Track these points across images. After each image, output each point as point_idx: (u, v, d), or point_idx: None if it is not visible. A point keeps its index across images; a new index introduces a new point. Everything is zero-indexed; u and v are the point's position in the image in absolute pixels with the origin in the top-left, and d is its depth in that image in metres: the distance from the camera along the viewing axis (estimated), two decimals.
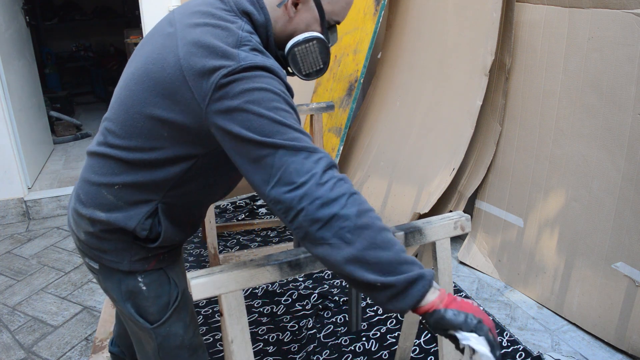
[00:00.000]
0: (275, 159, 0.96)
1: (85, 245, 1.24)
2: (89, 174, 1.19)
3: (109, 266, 1.23)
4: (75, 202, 1.23)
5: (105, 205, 1.17)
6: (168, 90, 1.04)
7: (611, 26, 2.10)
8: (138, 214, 1.16)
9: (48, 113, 4.76)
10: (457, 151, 2.63)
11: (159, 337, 1.29)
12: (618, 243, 2.13)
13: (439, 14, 2.90)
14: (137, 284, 1.25)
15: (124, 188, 1.15)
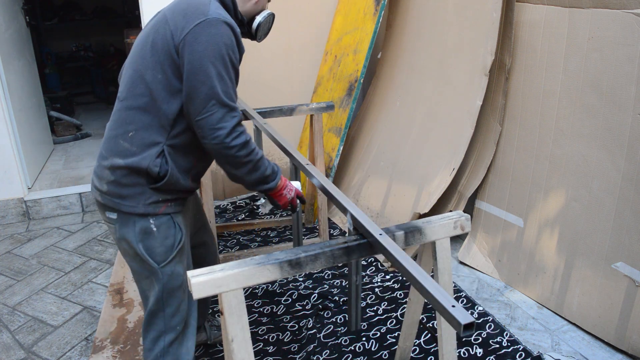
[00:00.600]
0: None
1: (107, 196, 1.51)
2: (108, 132, 1.53)
3: (127, 211, 1.50)
4: (99, 161, 1.54)
5: (122, 152, 1.48)
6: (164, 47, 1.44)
7: (611, 26, 2.10)
8: (149, 155, 1.47)
9: (48, 113, 4.76)
10: (457, 151, 2.63)
11: (165, 276, 1.56)
12: (618, 243, 2.13)
13: (439, 14, 2.91)
14: (149, 225, 1.52)
15: (136, 133, 1.46)
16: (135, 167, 1.47)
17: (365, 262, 2.81)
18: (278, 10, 3.50)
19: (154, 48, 1.45)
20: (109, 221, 1.56)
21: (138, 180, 1.49)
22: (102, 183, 1.52)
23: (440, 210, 2.74)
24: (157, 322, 1.60)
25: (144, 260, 1.54)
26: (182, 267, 1.61)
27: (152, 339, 1.61)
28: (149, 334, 1.62)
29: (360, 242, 1.37)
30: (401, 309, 2.40)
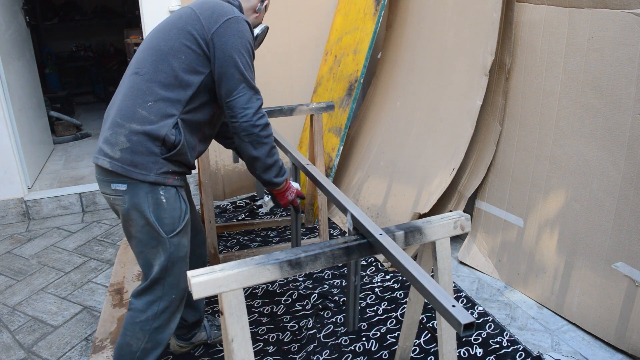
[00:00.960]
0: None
1: (118, 163, 1.58)
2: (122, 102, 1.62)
3: (138, 179, 1.59)
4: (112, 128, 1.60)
5: (140, 119, 1.58)
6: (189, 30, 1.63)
7: (611, 26, 2.10)
8: (167, 124, 1.60)
9: (48, 113, 4.76)
10: (457, 151, 2.63)
11: (172, 246, 1.66)
12: (618, 243, 2.13)
13: (439, 14, 2.91)
14: (159, 196, 1.62)
15: (155, 104, 1.59)
16: (154, 134, 1.58)
17: (365, 262, 2.81)
18: (278, 10, 3.51)
19: (181, 33, 1.62)
20: (115, 194, 1.62)
21: (153, 148, 1.59)
22: (115, 150, 1.59)
23: (440, 210, 2.74)
24: (157, 289, 1.70)
25: (155, 229, 1.63)
26: (187, 239, 1.73)
27: (147, 301, 1.71)
28: (144, 297, 1.72)
29: (360, 242, 1.37)
30: (401, 309, 2.40)
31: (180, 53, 1.62)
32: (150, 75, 1.62)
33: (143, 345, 1.73)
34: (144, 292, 1.72)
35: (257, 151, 1.69)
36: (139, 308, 1.72)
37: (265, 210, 2.14)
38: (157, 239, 1.64)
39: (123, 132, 1.58)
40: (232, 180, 3.74)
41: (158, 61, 1.62)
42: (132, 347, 1.73)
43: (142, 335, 1.72)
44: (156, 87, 1.61)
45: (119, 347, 1.75)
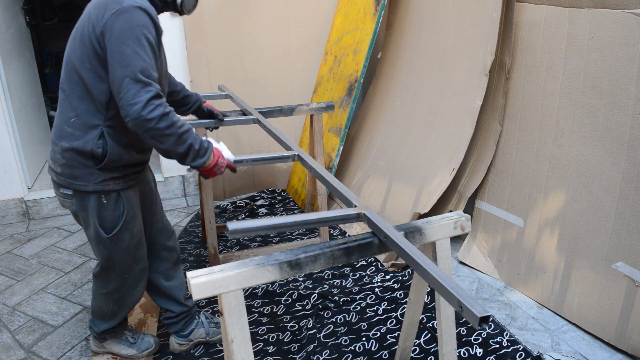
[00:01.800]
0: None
1: (61, 177, 1.72)
2: (55, 120, 1.73)
3: (80, 190, 1.72)
4: (52, 146, 1.74)
5: (67, 136, 1.68)
6: (86, 36, 1.60)
7: (611, 26, 2.10)
8: (91, 137, 1.67)
9: (48, 113, 4.76)
10: (457, 151, 2.63)
11: (112, 243, 1.81)
12: (618, 243, 2.13)
13: (439, 14, 2.90)
14: (101, 200, 1.75)
15: (77, 118, 1.66)
16: (81, 150, 1.67)
17: (365, 262, 2.81)
18: (278, 10, 3.51)
19: (82, 41, 1.61)
20: (64, 196, 1.78)
21: (86, 162, 1.70)
22: (57, 165, 1.73)
23: (440, 210, 2.74)
24: (110, 273, 1.90)
25: (96, 230, 1.78)
26: (129, 233, 1.84)
27: (105, 281, 1.92)
28: (101, 278, 1.93)
29: (360, 242, 1.37)
30: (401, 309, 2.40)
31: (85, 62, 1.61)
32: (69, 91, 1.66)
33: (111, 309, 1.98)
34: (99, 275, 1.93)
35: (163, 144, 1.60)
36: (100, 284, 1.94)
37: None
38: (99, 237, 1.80)
39: (58, 150, 1.71)
40: (232, 180, 3.74)
41: (71, 74, 1.65)
42: (102, 310, 2.00)
43: (108, 302, 1.96)
44: (75, 101, 1.65)
45: (92, 308, 2.04)
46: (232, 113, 2.66)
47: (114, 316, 2.02)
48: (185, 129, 1.62)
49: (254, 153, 3.73)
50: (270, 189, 3.78)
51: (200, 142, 1.67)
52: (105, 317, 2.02)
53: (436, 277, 1.14)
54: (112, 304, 1.97)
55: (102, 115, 1.66)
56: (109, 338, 2.13)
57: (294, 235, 3.15)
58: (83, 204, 1.75)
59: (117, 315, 2.02)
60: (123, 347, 2.14)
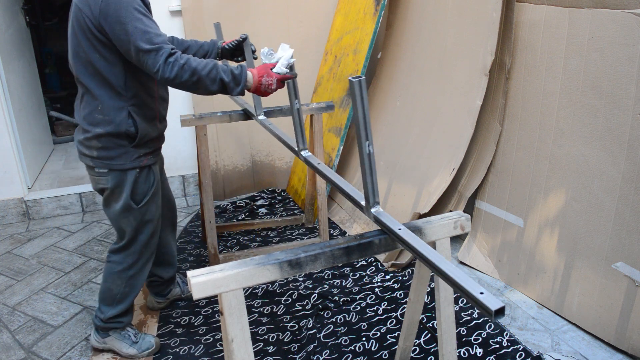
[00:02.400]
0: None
1: (98, 160, 1.87)
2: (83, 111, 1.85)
3: (116, 169, 1.88)
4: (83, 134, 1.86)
5: (100, 123, 1.82)
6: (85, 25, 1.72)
7: (611, 26, 2.10)
8: (122, 119, 1.82)
9: (48, 113, 4.75)
10: (457, 151, 2.63)
11: (141, 214, 1.98)
12: (618, 243, 2.13)
13: (439, 14, 2.90)
14: (135, 176, 1.92)
15: (104, 105, 1.81)
16: (116, 132, 1.83)
17: (365, 262, 2.81)
18: (278, 10, 3.51)
19: (83, 34, 1.72)
20: (99, 175, 1.91)
21: (121, 142, 1.86)
22: (92, 151, 1.86)
23: (440, 210, 2.74)
24: (131, 247, 2.03)
25: (128, 202, 1.93)
26: (155, 205, 2.03)
27: (123, 256, 2.04)
28: (121, 253, 2.05)
29: (360, 242, 1.37)
30: (401, 309, 2.40)
31: (94, 52, 1.74)
32: (87, 83, 1.80)
33: (122, 290, 2.07)
34: (121, 250, 2.05)
35: (199, 90, 1.75)
36: (117, 261, 2.05)
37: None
38: (130, 209, 1.95)
39: (92, 137, 1.84)
40: (232, 180, 3.74)
41: (86, 67, 1.78)
42: (113, 291, 2.07)
43: (121, 282, 2.06)
44: (96, 90, 1.79)
45: (102, 291, 2.09)
46: (233, 113, 2.66)
47: (123, 299, 2.09)
48: (209, 69, 1.71)
49: (254, 153, 3.73)
50: (270, 189, 3.78)
51: (230, 73, 1.75)
52: (114, 301, 2.08)
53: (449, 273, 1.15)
54: (124, 283, 2.06)
55: (124, 97, 1.81)
56: (112, 333, 2.16)
57: (294, 235, 3.15)
58: (119, 180, 1.90)
59: (126, 298, 2.09)
60: (125, 345, 2.16)
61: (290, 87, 1.86)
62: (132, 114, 1.84)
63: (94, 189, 2.00)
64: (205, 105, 3.53)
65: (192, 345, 2.23)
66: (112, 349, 2.18)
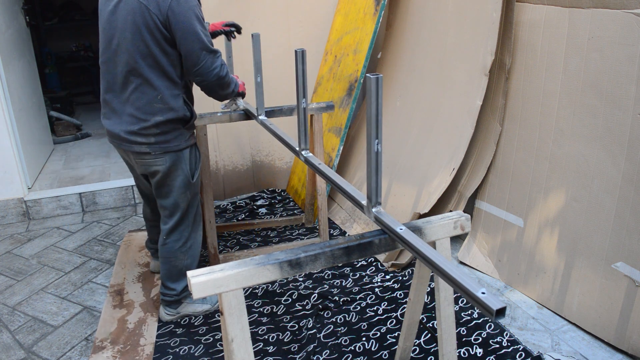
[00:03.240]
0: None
1: (155, 145, 2.05)
2: (136, 102, 2.00)
3: (173, 150, 2.08)
4: (139, 124, 2.01)
5: (160, 111, 2.01)
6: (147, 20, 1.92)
7: (611, 26, 2.10)
8: (179, 105, 2.05)
9: (48, 113, 4.76)
10: (457, 151, 2.63)
11: (194, 186, 2.21)
12: (618, 243, 2.13)
13: (439, 14, 2.91)
14: (188, 154, 2.15)
15: (163, 95, 2.00)
16: (176, 118, 2.05)
17: (365, 262, 2.81)
18: (278, 10, 3.51)
19: (146, 29, 1.91)
20: (154, 157, 2.07)
21: (177, 126, 2.07)
22: (150, 138, 2.03)
23: (440, 210, 2.74)
24: (185, 221, 2.24)
25: (187, 178, 2.16)
26: (199, 179, 2.27)
27: (180, 232, 2.23)
28: (177, 231, 2.23)
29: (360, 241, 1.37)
30: (401, 309, 2.40)
31: (156, 46, 1.94)
32: (147, 75, 1.97)
33: (185, 263, 2.27)
34: (176, 228, 2.23)
35: (226, 91, 2.18)
36: (175, 239, 2.24)
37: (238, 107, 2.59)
38: (187, 184, 2.18)
39: (150, 125, 2.01)
40: (232, 180, 3.74)
41: (146, 59, 1.95)
42: (177, 267, 2.26)
43: (183, 255, 2.26)
44: (155, 81, 1.98)
45: (166, 270, 2.27)
46: (233, 113, 2.66)
47: (189, 270, 2.16)
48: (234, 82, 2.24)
49: (254, 153, 3.73)
50: (270, 189, 3.78)
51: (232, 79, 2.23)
52: (181, 275, 2.28)
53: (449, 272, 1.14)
54: (185, 256, 2.26)
55: (178, 86, 2.04)
56: (183, 301, 2.36)
57: (294, 235, 3.15)
58: (176, 160, 2.10)
59: (190, 268, 2.27)
60: (198, 304, 2.38)
61: (300, 85, 1.86)
62: (185, 100, 2.08)
63: (143, 173, 2.17)
64: (205, 105, 3.54)
65: (192, 345, 2.23)
66: (186, 315, 2.38)
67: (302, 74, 1.85)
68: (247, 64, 3.53)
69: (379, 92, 1.24)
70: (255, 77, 2.38)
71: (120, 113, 2.04)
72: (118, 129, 2.05)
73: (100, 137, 4.95)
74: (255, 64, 2.37)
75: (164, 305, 2.34)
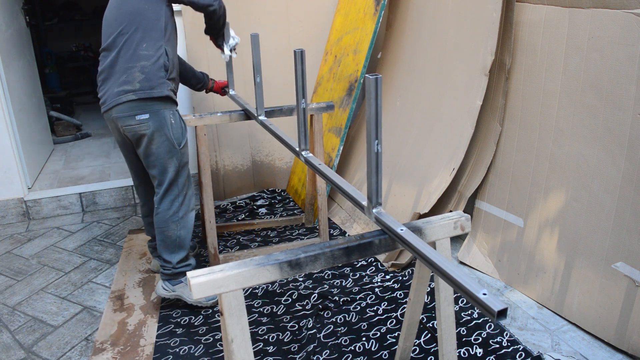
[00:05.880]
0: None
1: (140, 91, 2.17)
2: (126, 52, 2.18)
3: (158, 97, 2.20)
4: (126, 72, 2.17)
5: (144, 57, 2.18)
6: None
7: (611, 26, 2.10)
8: (160, 54, 2.21)
9: (48, 113, 4.76)
10: (457, 151, 2.63)
11: (181, 154, 2.29)
12: (618, 243, 2.13)
13: (439, 14, 2.91)
14: (171, 119, 2.25)
15: (148, 44, 2.19)
16: (157, 63, 2.19)
17: (365, 262, 2.81)
18: (278, 10, 3.50)
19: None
20: (140, 122, 2.18)
21: (159, 73, 2.20)
22: (135, 83, 2.17)
23: (440, 210, 2.74)
24: (174, 188, 2.31)
25: (171, 143, 2.24)
26: (187, 149, 2.35)
27: (170, 200, 2.31)
28: (166, 198, 2.31)
29: (360, 242, 1.37)
30: (401, 309, 2.40)
31: (146, 3, 2.19)
32: (133, 31, 2.17)
33: (177, 233, 2.33)
34: (165, 195, 2.31)
35: (223, 18, 2.50)
36: (165, 208, 2.31)
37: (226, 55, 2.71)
38: (172, 150, 2.26)
39: (136, 70, 2.17)
40: (232, 180, 3.74)
41: (133, 18, 2.17)
42: (171, 237, 2.33)
43: (175, 225, 2.32)
44: (142, 33, 2.18)
45: (161, 242, 2.34)
46: (233, 113, 2.66)
47: (182, 242, 2.35)
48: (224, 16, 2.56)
49: (254, 153, 3.73)
50: (270, 189, 3.78)
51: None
52: (175, 246, 2.34)
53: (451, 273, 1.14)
54: (178, 226, 2.33)
55: (162, 38, 2.22)
56: (183, 280, 2.41)
57: (294, 235, 3.15)
58: (159, 123, 2.20)
59: (184, 240, 2.35)
60: None
61: (299, 85, 1.86)
62: (166, 51, 2.23)
63: (132, 139, 2.25)
64: (205, 105, 3.54)
65: (192, 345, 2.23)
66: (179, 297, 2.41)
67: (302, 74, 1.85)
68: (247, 64, 3.53)
69: (379, 92, 1.24)
70: (255, 78, 2.39)
71: (112, 74, 2.20)
72: (110, 91, 2.20)
73: (100, 137, 4.95)
74: (255, 64, 2.38)
75: (163, 279, 2.41)
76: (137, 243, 3.12)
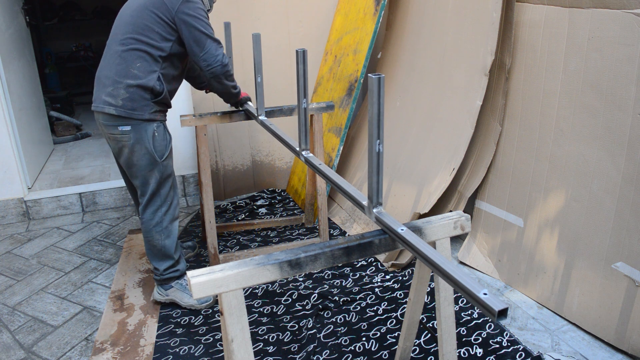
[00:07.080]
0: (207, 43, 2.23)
1: (121, 109, 2.16)
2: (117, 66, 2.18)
3: (138, 119, 2.18)
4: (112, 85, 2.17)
5: (133, 76, 2.17)
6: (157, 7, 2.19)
7: (611, 26, 2.10)
8: (152, 78, 2.19)
9: (48, 113, 4.76)
10: (457, 151, 2.63)
11: (162, 167, 2.28)
12: (618, 243, 2.13)
13: (439, 14, 2.91)
14: (154, 131, 2.24)
15: (142, 64, 2.18)
16: (145, 86, 2.17)
17: (365, 262, 2.81)
18: (278, 10, 3.51)
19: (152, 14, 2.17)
20: (122, 133, 2.19)
21: (145, 95, 2.19)
22: (118, 100, 2.16)
23: (440, 210, 2.74)
24: (156, 199, 2.32)
25: (152, 156, 2.24)
26: (171, 160, 2.35)
27: (152, 210, 2.33)
28: (149, 209, 2.33)
29: (360, 242, 1.37)
30: (401, 309, 2.40)
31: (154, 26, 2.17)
32: (134, 46, 2.17)
33: (162, 242, 2.35)
34: (147, 205, 2.33)
35: (232, 82, 2.41)
36: (148, 218, 2.33)
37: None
38: (153, 163, 2.25)
39: (122, 87, 2.16)
40: (232, 180, 3.74)
41: (139, 34, 2.17)
42: (156, 246, 2.36)
43: (158, 235, 2.34)
44: (141, 53, 2.17)
45: (148, 250, 2.39)
46: (233, 113, 2.66)
47: (167, 250, 2.37)
48: (230, 64, 2.41)
49: (254, 153, 3.73)
50: (270, 189, 3.78)
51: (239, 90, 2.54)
52: (160, 254, 2.37)
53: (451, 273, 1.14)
54: (162, 236, 2.34)
55: (159, 65, 2.21)
56: (174, 284, 2.45)
57: (294, 235, 3.15)
58: (140, 136, 2.20)
59: (169, 248, 2.37)
60: (186, 295, 2.45)
61: (301, 85, 1.85)
62: (160, 78, 2.22)
63: (114, 150, 2.28)
64: (205, 105, 3.53)
65: (192, 345, 2.23)
66: (174, 301, 2.46)
67: (303, 74, 1.85)
68: (247, 64, 3.53)
69: (381, 92, 1.24)
70: (256, 77, 2.39)
71: (104, 79, 2.21)
72: (98, 95, 2.22)
73: (100, 137, 4.95)
74: (256, 64, 2.38)
75: (157, 284, 2.47)
76: (137, 243, 3.12)
